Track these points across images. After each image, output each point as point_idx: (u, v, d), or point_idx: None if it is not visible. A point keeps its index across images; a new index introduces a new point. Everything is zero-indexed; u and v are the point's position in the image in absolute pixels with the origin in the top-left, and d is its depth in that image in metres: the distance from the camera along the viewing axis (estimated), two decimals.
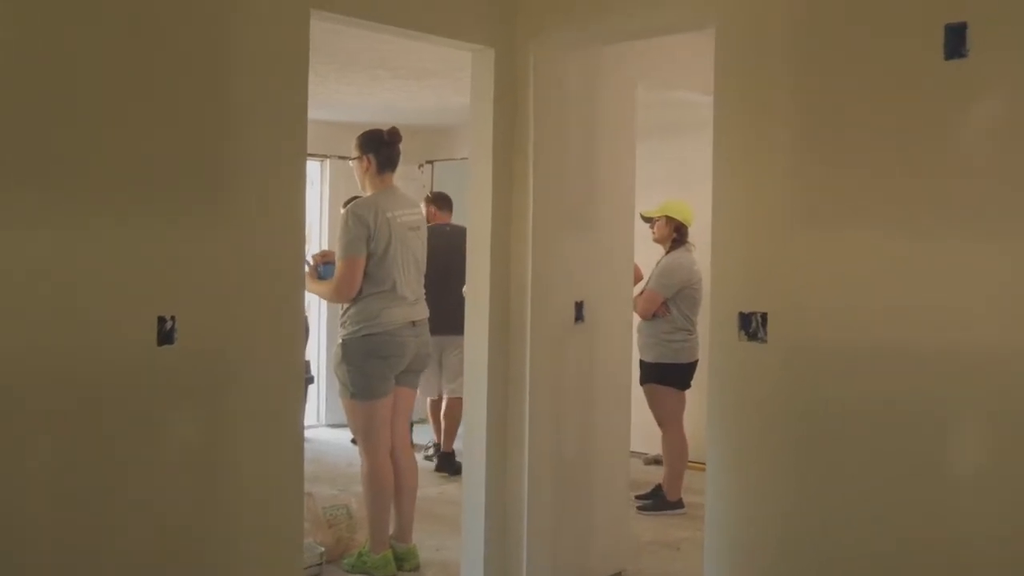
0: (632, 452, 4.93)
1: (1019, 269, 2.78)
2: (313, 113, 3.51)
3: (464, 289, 4.26)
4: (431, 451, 6.93)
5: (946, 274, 2.91)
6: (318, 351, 7.82)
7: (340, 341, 4.36)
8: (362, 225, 4.21)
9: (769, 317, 3.27)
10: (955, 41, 2.88)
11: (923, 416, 2.95)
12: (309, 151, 3.51)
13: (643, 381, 5.69)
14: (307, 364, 6.53)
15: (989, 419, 2.86)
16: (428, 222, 6.61)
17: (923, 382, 2.95)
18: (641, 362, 5.69)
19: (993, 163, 2.84)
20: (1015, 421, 2.80)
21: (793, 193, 3.24)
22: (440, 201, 6.84)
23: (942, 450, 2.92)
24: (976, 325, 2.85)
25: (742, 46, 3.38)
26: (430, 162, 8.51)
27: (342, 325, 4.36)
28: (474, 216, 4.17)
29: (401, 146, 4.53)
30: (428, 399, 6.86)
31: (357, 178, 4.52)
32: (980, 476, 2.87)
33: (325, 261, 4.62)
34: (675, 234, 5.65)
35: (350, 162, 4.57)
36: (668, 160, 6.52)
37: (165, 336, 3.02)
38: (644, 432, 5.96)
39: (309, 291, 4.55)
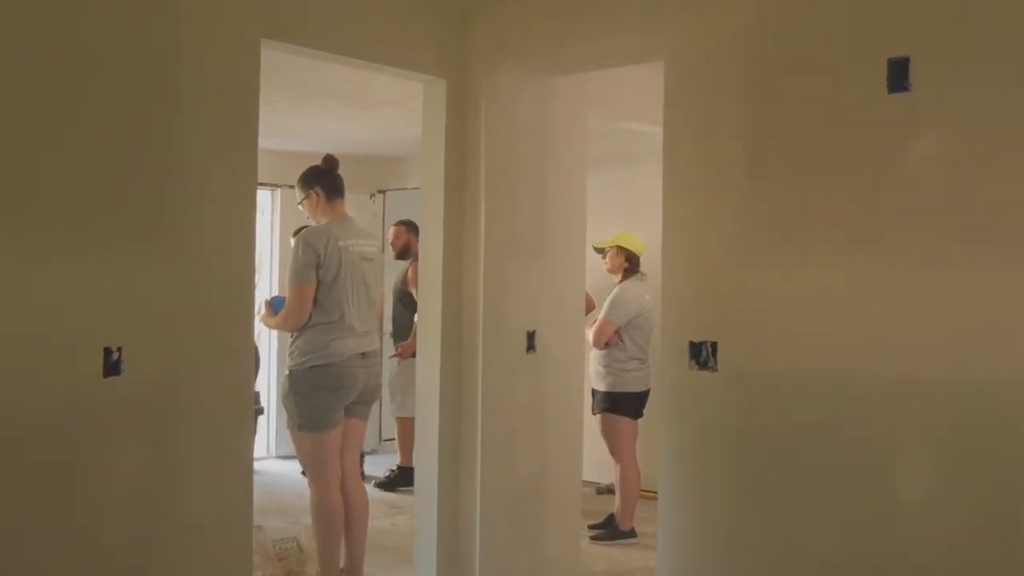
0: (584, 481, 4.92)
1: (962, 298, 2.83)
2: (264, 142, 3.50)
3: (416, 316, 4.25)
4: (388, 476, 6.87)
5: (891, 302, 2.96)
6: (268, 382, 7.73)
7: (287, 372, 4.31)
8: (312, 252, 4.18)
9: (719, 346, 3.30)
10: (898, 75, 2.94)
11: (872, 442, 2.99)
12: (260, 180, 3.50)
13: (596, 410, 5.69)
14: (257, 395, 6.46)
15: (935, 444, 2.90)
16: (410, 251, 6.56)
17: (871, 409, 2.99)
18: (593, 391, 5.70)
19: (936, 196, 2.90)
20: (960, 446, 2.84)
21: (742, 223, 3.28)
22: (417, 230, 6.82)
23: (890, 475, 2.96)
24: (922, 352, 2.90)
25: (690, 78, 3.42)
26: (382, 191, 8.49)
27: (290, 355, 4.31)
28: (426, 245, 4.17)
29: (348, 173, 4.52)
30: (396, 418, 6.82)
31: (311, 217, 4.48)
32: (927, 500, 2.90)
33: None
34: (627, 264, 5.68)
35: (299, 206, 4.54)
36: (619, 190, 6.56)
37: (112, 367, 2.97)
38: (596, 461, 5.96)
39: (266, 326, 4.52)
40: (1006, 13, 2.75)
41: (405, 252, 6.71)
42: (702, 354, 3.33)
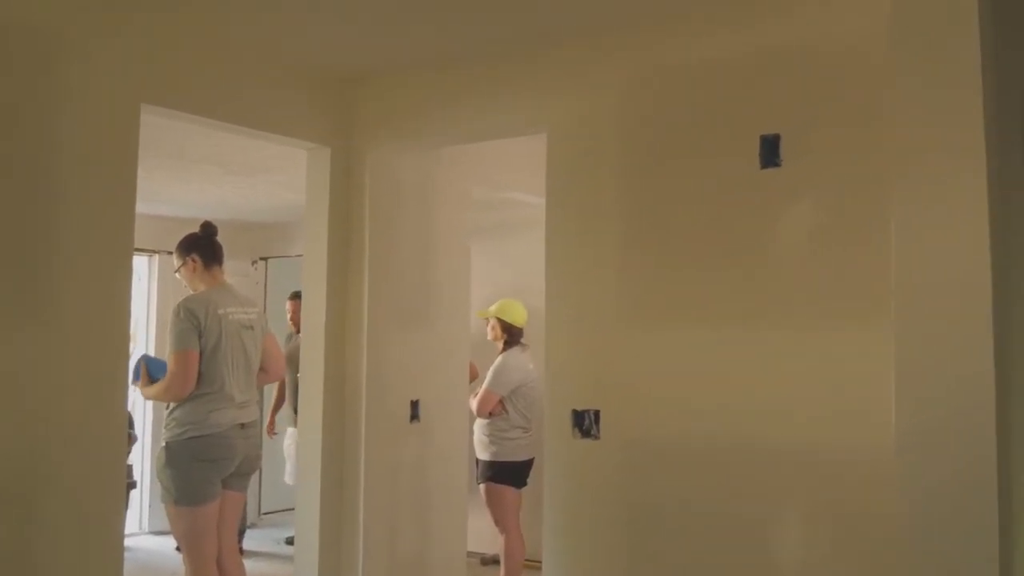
0: (469, 552, 4.87)
1: (832, 366, 2.93)
2: (143, 207, 3.43)
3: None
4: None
5: (765, 371, 3.04)
6: (142, 454, 7.47)
7: (164, 444, 4.16)
8: (192, 318, 4.07)
9: (602, 414, 3.33)
10: (769, 151, 3.06)
11: (750, 506, 3.04)
12: (137, 246, 3.41)
13: (480, 480, 5.66)
14: (129, 468, 6.22)
15: (810, 509, 2.96)
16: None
17: (749, 474, 3.05)
18: (477, 461, 5.67)
19: (805, 266, 3.01)
20: (834, 512, 2.91)
21: (623, 293, 3.34)
22: None
23: (768, 539, 3.01)
24: (795, 419, 2.98)
25: (571, 150, 3.50)
26: (264, 259, 8.38)
27: (166, 427, 4.16)
28: (308, 314, 4.12)
29: (229, 240, 4.45)
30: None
31: (189, 285, 4.37)
32: (803, 562, 2.96)
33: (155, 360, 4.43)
34: (505, 335, 5.70)
35: (176, 274, 4.43)
36: (504, 258, 6.62)
37: None
38: (481, 531, 5.91)
39: (146, 397, 4.35)
40: (866, 91, 2.90)
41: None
42: (585, 422, 3.36)
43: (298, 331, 6.52)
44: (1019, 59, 2.96)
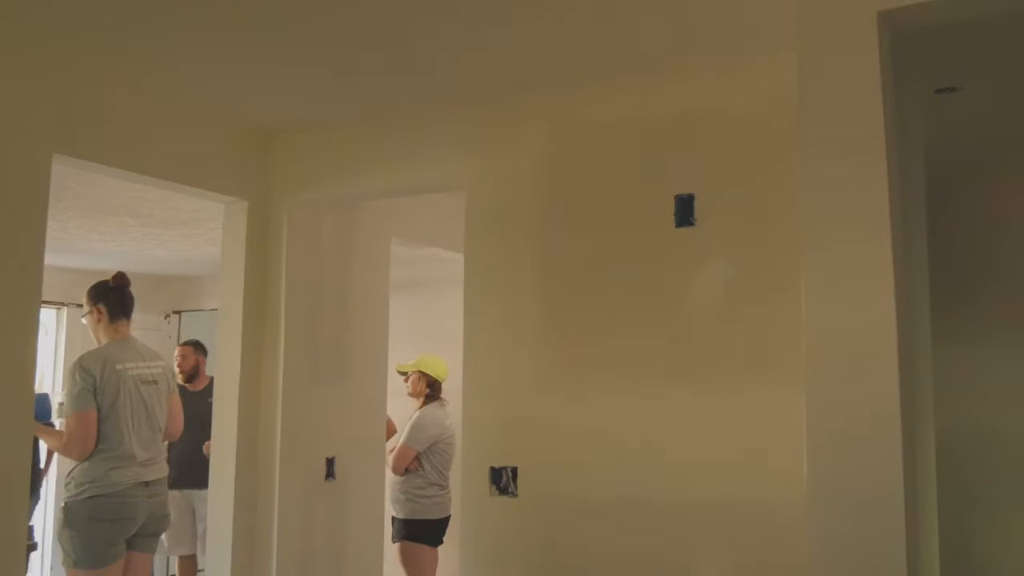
0: None
1: (748, 422, 2.97)
2: (53, 259, 3.34)
3: (205, 446, 4.07)
4: None
5: (679, 428, 3.07)
6: (44, 514, 7.21)
7: (63, 504, 4.02)
8: (88, 377, 3.95)
9: (520, 471, 3.32)
10: (684, 211, 3.12)
11: (668, 563, 3.05)
12: (46, 298, 3.32)
13: (395, 538, 5.58)
14: (30, 529, 6.00)
15: (728, 564, 2.98)
16: (199, 372, 6.29)
17: (664, 531, 3.06)
18: (393, 519, 5.59)
19: (721, 323, 3.06)
20: (752, 566, 2.93)
21: (541, 350, 3.35)
22: (206, 351, 6.56)
23: None
24: (708, 475, 3.01)
25: (490, 208, 3.53)
26: (177, 312, 8.23)
27: (66, 486, 4.03)
28: (221, 368, 4.05)
29: (142, 293, 4.36)
30: (177, 557, 6.43)
31: (92, 333, 4.26)
32: None
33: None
34: (428, 389, 5.67)
35: (83, 319, 4.32)
36: (423, 314, 6.60)
37: None
38: None
39: (49, 446, 4.21)
40: (777, 154, 2.98)
41: (194, 374, 6.45)
42: (502, 479, 3.34)
43: (186, 381, 6.30)
44: (920, 126, 3.08)
